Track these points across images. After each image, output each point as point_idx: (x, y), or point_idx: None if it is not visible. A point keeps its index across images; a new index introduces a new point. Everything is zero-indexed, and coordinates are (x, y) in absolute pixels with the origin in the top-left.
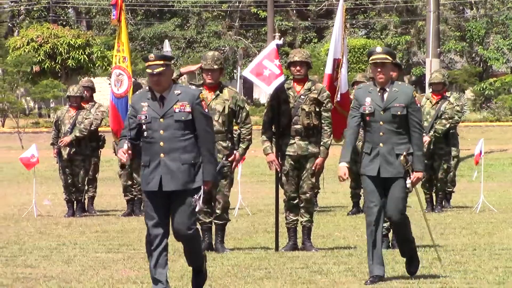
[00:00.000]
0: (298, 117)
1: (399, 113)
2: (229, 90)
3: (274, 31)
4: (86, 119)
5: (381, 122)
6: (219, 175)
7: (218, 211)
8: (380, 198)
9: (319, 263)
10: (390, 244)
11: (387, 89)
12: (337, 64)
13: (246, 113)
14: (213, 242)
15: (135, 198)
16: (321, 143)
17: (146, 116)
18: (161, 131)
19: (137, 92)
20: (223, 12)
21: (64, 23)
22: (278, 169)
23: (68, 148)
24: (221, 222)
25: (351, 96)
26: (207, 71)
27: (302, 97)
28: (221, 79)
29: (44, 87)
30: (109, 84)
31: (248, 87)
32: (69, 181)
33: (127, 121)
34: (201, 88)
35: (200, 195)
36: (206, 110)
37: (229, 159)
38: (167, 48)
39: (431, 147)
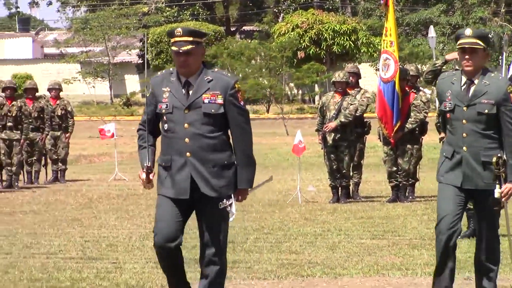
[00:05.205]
0: None
1: (486, 111)
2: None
3: None
4: (351, 104)
5: (464, 121)
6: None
7: None
8: (457, 213)
9: None
10: None
11: (475, 81)
12: None
13: None
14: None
15: (400, 185)
16: None
17: (167, 105)
18: (186, 125)
19: (159, 73)
20: None
21: (329, 8)
22: None
23: (333, 134)
24: None
25: None
26: None
27: None
28: (486, 64)
29: (305, 71)
30: (376, 69)
31: None
32: (334, 167)
33: (144, 115)
34: None
35: (232, 203)
36: (242, 103)
37: None
38: (431, 34)
39: None
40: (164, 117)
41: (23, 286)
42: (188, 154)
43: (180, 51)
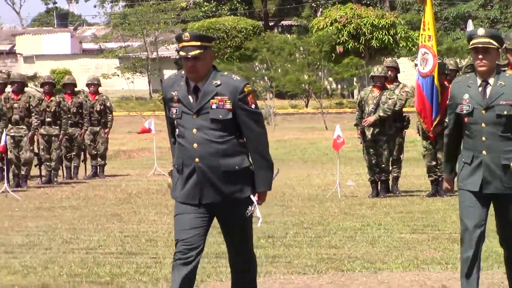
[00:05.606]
0: None
1: (505, 112)
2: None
3: None
4: (389, 99)
5: (483, 124)
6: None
7: None
8: (481, 219)
9: None
10: None
11: (490, 82)
12: None
13: None
14: None
15: (440, 179)
16: None
17: (176, 109)
18: (194, 130)
19: (171, 75)
20: None
21: (368, 2)
22: None
23: (372, 128)
24: None
25: None
26: (510, 51)
27: None
28: None
29: (344, 66)
30: (415, 64)
31: None
32: (373, 161)
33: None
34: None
35: (255, 206)
36: (253, 106)
37: None
38: (470, 28)
39: None
40: (175, 122)
41: (63, 281)
42: (197, 159)
43: (188, 56)
